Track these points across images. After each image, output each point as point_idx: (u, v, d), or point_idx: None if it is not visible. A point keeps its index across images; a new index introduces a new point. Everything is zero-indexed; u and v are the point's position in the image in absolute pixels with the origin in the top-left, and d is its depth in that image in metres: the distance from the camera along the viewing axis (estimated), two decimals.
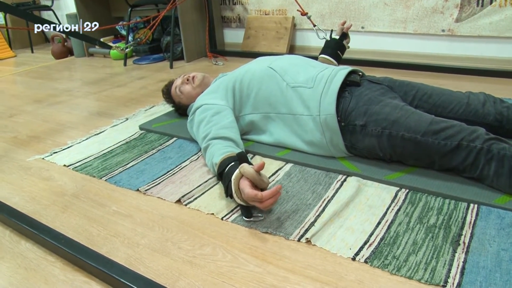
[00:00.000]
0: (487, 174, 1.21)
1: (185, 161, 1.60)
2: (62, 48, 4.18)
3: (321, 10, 3.06)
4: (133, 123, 2.07)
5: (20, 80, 3.43)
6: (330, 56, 2.02)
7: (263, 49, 3.41)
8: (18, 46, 4.96)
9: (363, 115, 1.37)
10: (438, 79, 2.38)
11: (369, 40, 2.99)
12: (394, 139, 1.31)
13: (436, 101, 1.50)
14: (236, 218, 1.22)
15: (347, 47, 2.10)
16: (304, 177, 1.40)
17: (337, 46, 2.05)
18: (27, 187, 1.55)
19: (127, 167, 1.60)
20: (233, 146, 1.38)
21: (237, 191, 1.18)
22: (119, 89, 2.82)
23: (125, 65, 3.57)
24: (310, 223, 1.15)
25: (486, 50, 2.59)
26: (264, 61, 1.66)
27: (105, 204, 1.38)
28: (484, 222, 1.10)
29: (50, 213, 1.35)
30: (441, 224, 1.11)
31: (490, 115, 1.43)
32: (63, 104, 2.58)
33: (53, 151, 1.83)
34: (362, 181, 1.34)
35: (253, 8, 3.48)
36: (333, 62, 2.03)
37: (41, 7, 4.77)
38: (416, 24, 2.74)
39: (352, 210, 1.20)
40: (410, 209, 1.19)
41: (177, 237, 1.17)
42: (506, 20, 2.43)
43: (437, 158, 1.28)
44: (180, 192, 1.38)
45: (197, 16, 3.44)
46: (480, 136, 1.21)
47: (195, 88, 1.84)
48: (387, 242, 1.06)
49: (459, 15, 2.57)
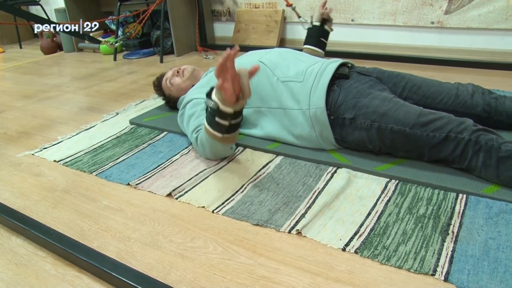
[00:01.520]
0: (475, 165, 1.22)
1: (175, 155, 1.60)
2: (51, 43, 4.14)
3: (311, 3, 3.05)
4: (124, 117, 2.07)
5: (9, 76, 3.40)
6: (314, 45, 2.03)
7: (253, 43, 3.40)
8: (6, 42, 4.91)
9: (352, 108, 1.37)
10: (427, 71, 2.39)
11: (359, 33, 2.99)
12: (383, 131, 1.32)
13: (425, 92, 1.51)
14: (227, 211, 1.22)
15: (329, 30, 2.10)
16: (294, 169, 1.41)
17: (319, 33, 2.07)
18: (17, 183, 1.54)
19: (117, 162, 1.59)
20: None
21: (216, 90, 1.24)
22: (109, 84, 2.80)
23: (115, 60, 3.55)
24: (301, 215, 1.16)
25: (475, 42, 2.60)
26: (254, 55, 1.66)
27: (96, 198, 1.37)
28: (472, 212, 1.11)
29: (40, 208, 1.35)
30: (431, 214, 1.12)
31: (479, 106, 1.45)
32: (53, 99, 2.56)
33: (43, 146, 1.82)
34: (352, 172, 1.35)
35: (243, 1, 3.47)
36: (318, 51, 2.04)
37: (29, 2, 4.71)
38: (405, 17, 2.75)
39: (342, 201, 1.21)
40: (400, 199, 1.20)
41: (168, 231, 1.17)
42: (495, 12, 2.44)
43: (426, 150, 1.29)
44: (171, 185, 1.38)
45: (187, 10, 3.43)
46: (468, 127, 1.22)
47: (184, 81, 1.84)
48: (377, 232, 1.07)
49: (448, 7, 2.58)
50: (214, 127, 1.30)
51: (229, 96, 1.20)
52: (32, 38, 5.20)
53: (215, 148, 1.43)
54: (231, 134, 1.33)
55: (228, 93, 1.20)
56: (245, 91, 1.21)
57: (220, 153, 1.48)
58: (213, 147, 1.43)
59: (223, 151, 1.47)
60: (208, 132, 1.34)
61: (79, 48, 4.07)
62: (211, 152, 1.46)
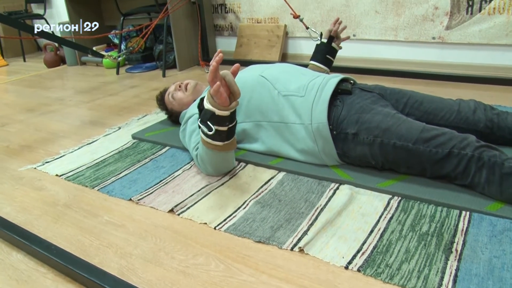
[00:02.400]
0: (479, 181, 1.21)
1: (178, 170, 1.59)
2: (55, 57, 4.17)
3: (313, 18, 3.07)
4: (126, 132, 2.07)
5: (12, 89, 3.41)
6: (319, 62, 2.04)
7: (255, 57, 3.42)
8: (10, 55, 4.94)
9: (355, 124, 1.37)
10: (429, 86, 2.40)
11: (361, 48, 3.01)
12: (385, 147, 1.32)
13: (427, 108, 1.51)
14: (229, 228, 1.21)
15: (337, 48, 2.11)
16: (297, 186, 1.40)
17: (326, 50, 2.07)
18: (19, 197, 1.54)
19: (119, 177, 1.59)
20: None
21: (208, 97, 1.28)
22: (112, 97, 2.81)
23: (118, 74, 3.57)
24: (303, 232, 1.16)
25: (476, 57, 2.61)
26: (255, 69, 1.66)
27: (98, 214, 1.37)
28: (476, 229, 1.11)
29: (42, 223, 1.35)
30: (434, 232, 1.11)
31: (481, 122, 1.45)
32: (56, 113, 2.57)
33: (45, 160, 1.82)
34: (354, 189, 1.34)
35: (245, 16, 3.49)
36: (323, 69, 2.04)
37: (33, 16, 4.76)
38: (407, 32, 2.77)
39: (345, 218, 1.21)
40: (403, 217, 1.19)
41: (170, 247, 1.16)
42: (495, 27, 2.45)
43: (428, 166, 1.29)
44: (173, 201, 1.38)
45: (189, 25, 3.45)
46: (470, 143, 1.22)
47: (187, 96, 1.84)
48: (380, 250, 1.06)
49: (449, 22, 2.60)
50: (214, 138, 1.32)
51: (224, 99, 1.26)
52: (36, 51, 5.24)
53: (215, 161, 1.43)
54: (231, 140, 1.36)
55: (223, 96, 1.25)
56: (235, 91, 1.28)
57: (221, 166, 1.48)
58: (214, 161, 1.43)
59: (225, 162, 1.47)
60: (207, 144, 1.35)
61: (82, 61, 4.10)
62: (212, 167, 1.46)
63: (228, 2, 3.54)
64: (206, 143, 1.36)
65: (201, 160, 1.48)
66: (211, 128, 1.29)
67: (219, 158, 1.43)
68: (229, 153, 1.45)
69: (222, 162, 1.46)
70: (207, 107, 1.28)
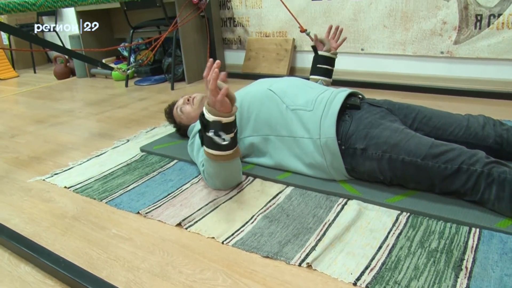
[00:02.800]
0: (488, 197, 1.20)
1: (185, 184, 1.60)
2: (65, 69, 4.22)
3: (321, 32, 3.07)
4: (134, 144, 2.08)
5: (22, 100, 3.45)
6: (319, 75, 2.05)
7: (263, 71, 3.44)
8: (21, 66, 5.01)
9: (364, 139, 1.37)
10: (437, 101, 2.40)
11: (369, 62, 3.02)
12: (394, 162, 1.31)
13: (436, 123, 1.50)
14: (236, 242, 1.21)
15: (331, 56, 2.09)
16: (305, 200, 1.40)
17: (323, 60, 2.08)
18: (27, 208, 1.54)
19: (127, 190, 1.60)
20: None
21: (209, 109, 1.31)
22: (121, 110, 2.83)
23: (127, 86, 3.60)
24: (311, 248, 1.15)
25: (484, 72, 2.61)
26: (263, 83, 1.67)
27: (106, 226, 1.37)
28: (486, 247, 1.10)
29: (50, 235, 1.35)
30: (443, 249, 1.10)
31: (490, 137, 1.44)
32: (65, 124, 2.59)
33: (54, 172, 1.83)
34: (363, 204, 1.34)
35: (253, 30, 3.52)
36: (327, 80, 2.05)
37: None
38: (415, 46, 2.77)
39: (353, 234, 1.20)
40: (412, 233, 1.18)
41: (178, 261, 1.16)
42: (504, 42, 2.45)
43: (437, 182, 1.28)
44: (181, 215, 1.38)
45: (198, 38, 3.48)
46: (480, 159, 1.21)
47: (195, 109, 1.85)
48: (389, 267, 1.05)
49: (458, 37, 2.60)
50: (221, 148, 1.34)
51: (228, 105, 1.30)
52: (46, 63, 5.31)
53: (223, 174, 1.44)
54: (236, 146, 1.40)
55: (227, 102, 1.29)
56: (232, 96, 1.33)
57: (229, 178, 1.48)
58: (222, 174, 1.43)
59: (233, 173, 1.47)
60: (214, 157, 1.36)
61: (92, 73, 4.14)
62: (220, 181, 1.47)
63: (236, 15, 3.57)
64: (213, 156, 1.36)
65: (208, 175, 1.48)
66: (224, 139, 1.31)
67: (227, 170, 1.43)
68: (236, 162, 1.45)
69: (230, 174, 1.46)
70: (213, 119, 1.29)
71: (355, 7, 2.92)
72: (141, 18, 3.66)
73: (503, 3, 2.39)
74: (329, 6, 3.03)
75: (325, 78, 2.06)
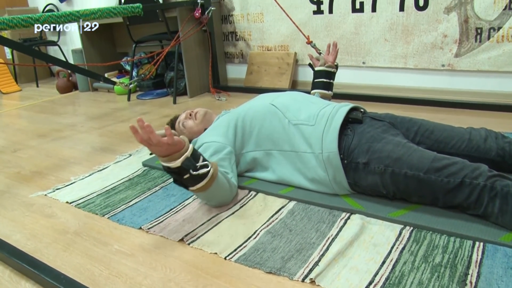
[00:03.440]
0: (492, 211, 1.20)
1: (188, 199, 1.59)
2: (67, 83, 4.24)
3: (323, 46, 3.09)
4: (137, 159, 2.08)
5: (25, 114, 3.46)
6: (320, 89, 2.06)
7: (265, 85, 3.45)
8: (24, 80, 5.03)
9: (366, 153, 1.37)
10: (439, 113, 2.40)
11: (370, 75, 3.03)
12: (397, 176, 1.31)
13: (438, 137, 1.50)
14: (239, 258, 1.20)
15: (329, 67, 2.10)
16: (307, 215, 1.40)
17: (320, 75, 2.10)
18: (29, 224, 1.54)
19: (130, 205, 1.59)
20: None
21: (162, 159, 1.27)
22: (123, 124, 2.84)
23: (129, 100, 3.61)
24: (314, 263, 1.14)
25: (485, 85, 2.62)
26: (266, 98, 1.68)
27: (108, 242, 1.37)
28: (490, 261, 1.09)
29: (51, 251, 1.35)
30: (447, 263, 1.10)
31: (492, 150, 1.44)
32: (67, 139, 2.60)
33: (56, 187, 1.83)
34: (366, 218, 1.33)
35: (255, 44, 3.54)
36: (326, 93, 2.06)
37: (47, 43, 4.87)
38: (416, 59, 2.78)
39: (356, 249, 1.19)
40: (415, 247, 1.17)
41: (180, 277, 1.15)
42: (504, 55, 2.46)
43: (440, 195, 1.27)
44: (183, 230, 1.37)
45: (200, 52, 3.50)
46: (483, 173, 1.21)
47: (197, 124, 1.85)
48: (393, 282, 1.05)
49: (458, 50, 2.61)
50: (203, 176, 1.31)
51: (179, 142, 1.25)
52: (49, 77, 5.34)
53: (215, 194, 1.42)
54: (211, 163, 1.34)
55: (175, 140, 1.23)
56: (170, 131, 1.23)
57: (222, 196, 1.46)
58: (213, 195, 1.42)
59: (223, 192, 1.44)
60: (201, 188, 1.33)
61: (94, 87, 4.16)
62: (215, 201, 1.47)
63: (238, 30, 3.59)
64: (200, 188, 1.33)
65: (203, 201, 1.50)
66: (203, 165, 1.29)
67: (217, 189, 1.40)
68: (220, 178, 1.40)
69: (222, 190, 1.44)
70: (181, 161, 1.25)
71: (356, 21, 2.94)
72: (144, 32, 3.69)
73: (503, 17, 2.41)
74: (331, 20, 3.05)
75: (323, 91, 2.07)
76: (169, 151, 1.24)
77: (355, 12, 2.93)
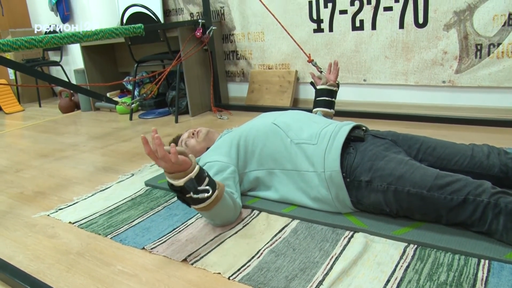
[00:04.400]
0: (496, 228, 1.19)
1: (191, 218, 1.59)
2: (69, 103, 4.26)
3: (324, 64, 3.12)
4: (139, 179, 2.08)
5: (28, 134, 3.48)
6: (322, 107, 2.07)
7: (267, 103, 3.47)
8: (27, 100, 5.07)
9: (368, 171, 1.37)
10: (440, 130, 2.40)
11: (371, 92, 3.04)
12: (400, 194, 1.31)
13: (440, 153, 1.50)
14: (243, 278, 1.20)
15: (331, 86, 2.12)
16: (311, 234, 1.39)
17: (321, 93, 2.12)
18: (32, 245, 1.54)
19: (132, 225, 1.59)
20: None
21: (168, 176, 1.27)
22: (125, 143, 2.84)
23: (131, 120, 3.62)
24: (318, 282, 1.13)
25: (486, 100, 2.63)
26: (268, 117, 1.68)
27: (111, 263, 1.36)
28: (496, 279, 1.08)
29: (54, 272, 1.34)
30: (452, 282, 1.09)
31: (495, 167, 1.43)
32: (69, 158, 2.61)
33: (58, 207, 1.83)
34: (369, 237, 1.33)
35: (256, 62, 3.57)
36: (328, 111, 2.07)
37: (50, 63, 4.92)
38: (417, 76, 2.80)
39: (360, 267, 1.19)
40: (420, 265, 1.17)
41: None
42: (505, 70, 2.48)
43: (444, 213, 1.27)
44: (187, 250, 1.36)
45: (201, 71, 3.53)
46: (486, 190, 1.21)
47: (199, 143, 1.86)
48: None
49: (459, 66, 2.63)
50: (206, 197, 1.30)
51: (186, 161, 1.25)
52: (51, 97, 5.37)
53: (219, 213, 1.41)
54: (217, 184, 1.34)
55: (183, 159, 1.24)
56: (181, 149, 1.26)
57: (226, 216, 1.46)
58: (217, 214, 1.41)
59: (227, 211, 1.44)
60: (205, 208, 1.33)
61: (96, 107, 4.18)
62: (219, 220, 1.46)
63: (239, 49, 3.62)
64: (204, 207, 1.33)
65: (207, 220, 1.50)
66: (205, 189, 1.28)
67: (222, 208, 1.40)
68: (225, 198, 1.40)
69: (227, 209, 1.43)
70: (184, 181, 1.25)
71: (357, 39, 2.97)
72: (145, 52, 3.72)
73: (502, 33, 2.43)
74: (331, 38, 3.08)
75: (325, 109, 2.08)
76: (174, 169, 1.24)
77: (355, 30, 2.96)
